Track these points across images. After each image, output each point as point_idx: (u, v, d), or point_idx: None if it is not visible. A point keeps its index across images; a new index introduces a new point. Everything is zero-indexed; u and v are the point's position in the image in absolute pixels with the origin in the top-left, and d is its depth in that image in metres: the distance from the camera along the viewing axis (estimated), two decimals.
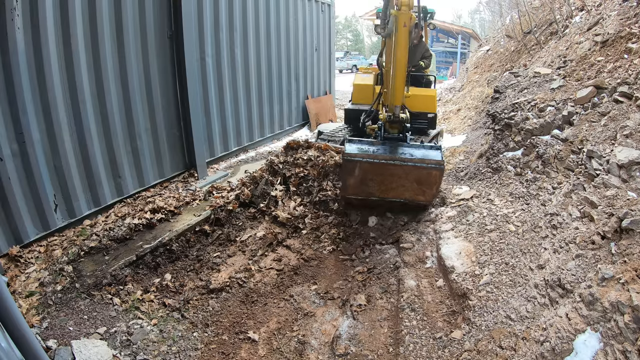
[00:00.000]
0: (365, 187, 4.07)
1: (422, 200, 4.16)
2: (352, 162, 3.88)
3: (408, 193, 4.07)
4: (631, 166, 2.84)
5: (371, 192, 4.11)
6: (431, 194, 4.07)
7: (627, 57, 4.06)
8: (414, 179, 3.92)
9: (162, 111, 5.13)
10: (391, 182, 3.99)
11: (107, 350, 2.76)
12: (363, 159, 3.87)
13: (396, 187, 4.02)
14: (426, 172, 3.86)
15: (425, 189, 4.01)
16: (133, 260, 3.70)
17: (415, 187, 3.99)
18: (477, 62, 13.76)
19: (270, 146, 7.84)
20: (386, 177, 3.97)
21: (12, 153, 3.49)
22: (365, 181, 4.01)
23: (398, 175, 3.92)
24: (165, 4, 5.00)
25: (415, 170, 3.87)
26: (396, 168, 3.88)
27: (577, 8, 7.29)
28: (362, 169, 3.91)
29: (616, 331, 1.98)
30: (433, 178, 3.90)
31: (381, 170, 3.90)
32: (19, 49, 3.43)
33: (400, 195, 4.11)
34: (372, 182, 4.02)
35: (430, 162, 3.82)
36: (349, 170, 3.95)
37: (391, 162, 3.84)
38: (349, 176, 4.00)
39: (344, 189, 4.18)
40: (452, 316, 3.08)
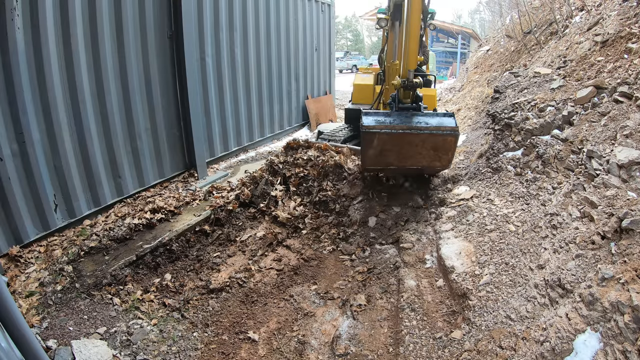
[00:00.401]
0: (384, 157, 4.16)
1: (438, 166, 4.34)
2: (370, 134, 3.93)
3: (425, 160, 4.17)
4: (631, 166, 2.84)
5: (389, 162, 4.23)
6: (447, 159, 4.18)
7: (627, 57, 4.06)
8: (430, 146, 4.01)
9: (162, 111, 5.13)
10: (408, 150, 4.07)
11: (107, 350, 2.76)
12: (381, 130, 3.92)
13: (413, 155, 4.11)
14: (442, 139, 3.93)
15: (442, 155, 4.12)
16: (133, 260, 3.70)
17: (432, 154, 4.09)
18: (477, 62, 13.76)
19: (270, 146, 7.84)
20: (404, 147, 4.04)
21: (12, 153, 3.49)
22: (383, 152, 4.09)
23: (415, 143, 4.00)
24: (165, 4, 5.01)
25: (431, 138, 3.95)
26: (413, 137, 3.95)
27: (577, 8, 7.29)
28: (380, 140, 3.97)
29: (616, 331, 1.98)
30: (448, 144, 4.00)
31: (399, 140, 3.97)
32: (19, 49, 3.44)
33: (417, 163, 4.23)
34: (390, 152, 4.10)
35: (445, 129, 3.90)
36: (368, 143, 4.02)
37: (408, 131, 3.91)
38: (368, 148, 4.08)
39: (364, 162, 4.29)
40: (452, 316, 3.08)
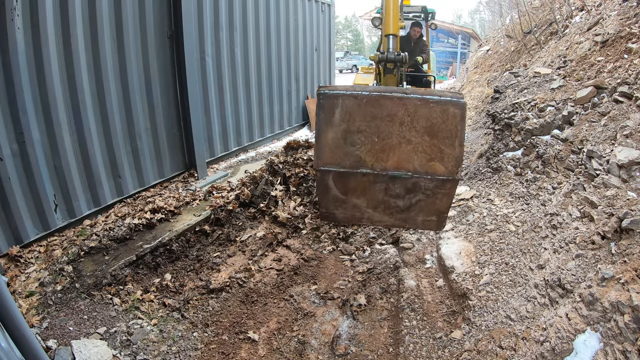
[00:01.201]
0: (350, 147, 2.61)
1: (440, 171, 2.57)
2: (329, 98, 2.55)
3: (417, 157, 2.58)
4: (631, 166, 2.84)
5: (359, 156, 2.62)
6: (453, 155, 2.53)
7: (627, 57, 4.06)
8: (422, 126, 2.51)
9: (162, 111, 5.13)
10: (389, 134, 2.56)
11: (107, 350, 2.76)
12: (346, 91, 2.56)
13: (398, 144, 2.57)
14: (440, 109, 2.47)
15: (443, 147, 2.53)
16: (133, 260, 3.70)
17: (427, 142, 2.54)
18: (477, 62, 13.76)
19: (270, 146, 7.84)
20: (382, 124, 2.55)
21: (12, 153, 3.49)
22: (349, 134, 2.58)
23: (399, 118, 2.53)
24: (165, 4, 5.01)
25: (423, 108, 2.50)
26: (395, 104, 2.51)
27: (577, 8, 7.29)
28: (344, 110, 2.56)
29: (616, 331, 1.98)
30: (451, 121, 2.48)
31: (374, 109, 2.54)
32: (19, 49, 3.43)
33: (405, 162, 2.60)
34: (361, 135, 2.58)
35: (444, 94, 2.53)
36: (326, 115, 2.57)
37: (387, 94, 2.54)
38: (326, 125, 2.58)
39: (318, 152, 2.66)
40: (452, 316, 3.08)
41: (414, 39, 6.76)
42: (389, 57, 3.05)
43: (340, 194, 2.75)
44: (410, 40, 6.80)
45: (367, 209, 2.77)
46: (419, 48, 6.80)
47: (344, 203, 2.78)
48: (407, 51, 6.78)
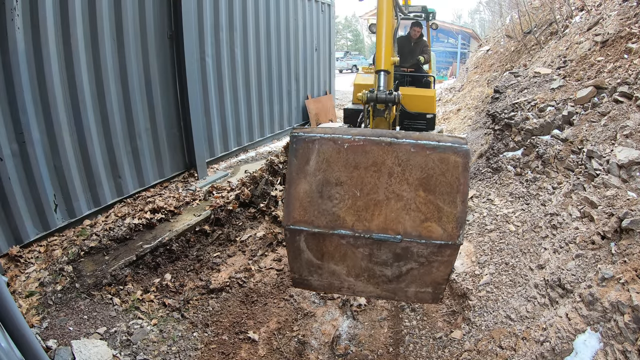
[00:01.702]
0: (327, 202, 2.14)
1: (437, 234, 2.07)
2: (304, 143, 2.15)
3: (409, 217, 2.10)
4: (631, 166, 2.84)
5: (337, 214, 2.15)
6: (453, 215, 2.05)
7: (627, 57, 4.06)
8: (416, 178, 2.06)
9: (162, 111, 5.13)
10: (375, 187, 2.11)
11: (107, 350, 2.76)
12: (324, 134, 2.15)
13: (385, 199, 2.11)
14: (438, 157, 2.04)
15: (442, 203, 2.07)
16: (133, 260, 3.70)
17: (422, 197, 2.08)
18: (477, 62, 13.76)
19: (270, 146, 7.84)
20: (367, 176, 2.11)
21: (12, 153, 3.49)
22: (327, 187, 2.14)
23: (388, 168, 2.09)
24: (165, 4, 5.01)
25: (418, 155, 2.06)
26: (383, 151, 2.08)
27: (577, 8, 7.29)
28: (321, 157, 2.14)
29: (616, 331, 1.98)
30: (452, 172, 2.03)
31: (357, 157, 2.11)
32: (19, 49, 3.43)
33: (393, 223, 2.12)
34: (341, 189, 2.13)
35: (443, 138, 2.10)
36: (300, 162, 2.18)
37: (374, 138, 2.09)
38: (299, 174, 2.17)
39: (288, 208, 2.19)
40: (452, 316, 3.08)
41: (414, 39, 6.76)
42: (379, 96, 2.54)
43: (315, 259, 2.25)
44: (410, 40, 6.80)
45: (347, 278, 2.28)
46: (419, 48, 6.80)
47: (319, 269, 2.29)
48: (407, 51, 6.84)
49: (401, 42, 6.97)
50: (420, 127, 6.71)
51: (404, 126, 6.69)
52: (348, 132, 2.16)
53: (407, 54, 6.82)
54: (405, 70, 6.81)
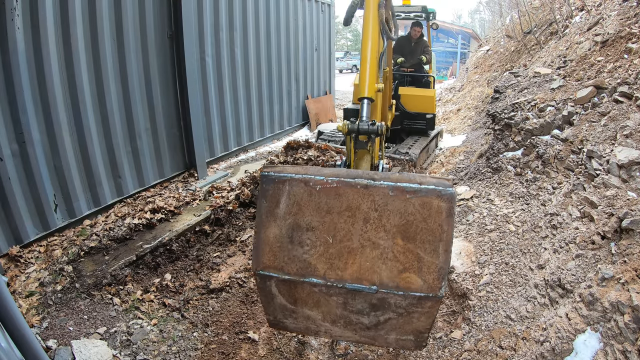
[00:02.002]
0: (298, 248, 1.99)
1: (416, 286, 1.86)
2: (274, 183, 1.99)
3: (386, 268, 1.90)
4: (631, 166, 2.84)
5: (309, 261, 1.98)
6: (435, 267, 1.86)
7: (627, 57, 4.06)
8: (395, 224, 1.88)
9: (162, 111, 5.13)
10: (349, 234, 1.93)
11: (107, 350, 2.76)
12: (295, 174, 1.99)
13: (360, 247, 1.93)
14: (420, 202, 1.87)
15: (422, 252, 1.88)
16: (133, 260, 3.70)
17: (400, 246, 1.89)
18: (477, 62, 13.76)
19: (270, 146, 7.84)
20: (340, 221, 1.94)
21: (12, 153, 3.49)
22: (297, 232, 1.98)
23: (363, 213, 1.91)
24: (165, 4, 5.01)
25: (397, 199, 1.88)
26: (358, 195, 1.91)
27: (577, 8, 7.29)
28: (292, 199, 1.99)
29: (616, 331, 1.98)
30: (435, 218, 1.84)
31: (330, 200, 1.95)
32: (19, 49, 3.43)
33: (368, 272, 1.92)
34: (312, 235, 1.97)
35: (425, 180, 1.91)
36: (270, 204, 2.02)
37: (349, 180, 1.92)
38: (269, 217, 2.02)
39: (257, 252, 2.03)
40: (452, 316, 3.08)
41: (415, 39, 6.77)
42: (361, 127, 2.29)
43: (288, 304, 2.10)
44: (411, 40, 6.81)
45: (323, 322, 2.14)
46: (420, 48, 6.80)
47: (293, 313, 2.14)
48: (408, 51, 6.84)
49: (401, 42, 6.98)
50: (420, 127, 6.72)
51: (403, 126, 6.70)
52: (321, 172, 1.96)
53: (408, 54, 6.82)
54: (406, 70, 6.82)
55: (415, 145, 6.18)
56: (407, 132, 6.83)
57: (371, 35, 2.65)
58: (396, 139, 6.70)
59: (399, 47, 6.82)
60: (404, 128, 6.75)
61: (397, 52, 6.65)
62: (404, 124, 6.70)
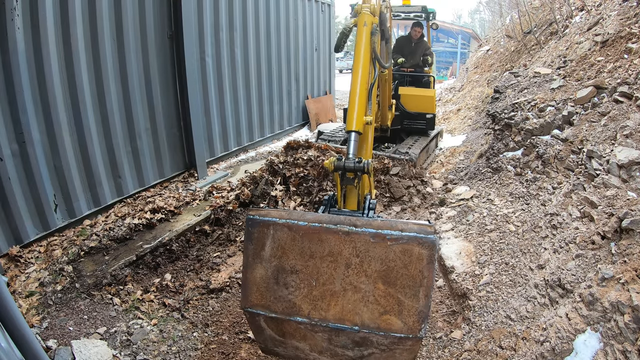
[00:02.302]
0: (283, 289, 2.09)
1: (396, 327, 1.94)
2: (259, 227, 2.10)
3: (367, 310, 1.98)
4: (631, 166, 2.84)
5: (293, 302, 2.09)
6: (415, 310, 1.92)
7: (627, 57, 4.06)
8: (376, 270, 1.95)
9: (162, 111, 5.13)
10: (332, 278, 2.02)
11: (107, 350, 2.76)
12: (279, 219, 2.08)
13: (342, 290, 2.02)
14: (401, 250, 1.92)
15: (402, 297, 1.94)
16: (133, 260, 3.70)
17: (381, 292, 1.96)
18: (477, 62, 13.76)
19: (270, 146, 7.84)
20: (323, 265, 2.03)
21: (12, 153, 3.49)
22: (282, 274, 2.08)
23: (345, 259, 1.99)
24: (165, 4, 5.01)
25: (378, 246, 1.94)
26: (340, 241, 1.99)
27: (577, 8, 7.29)
28: (277, 243, 2.09)
29: (616, 331, 1.98)
30: (416, 264, 1.90)
31: (313, 245, 2.03)
32: (19, 49, 3.43)
33: (350, 314, 2.01)
34: (297, 277, 2.09)
35: (407, 227, 1.93)
36: (256, 246, 2.13)
37: (330, 226, 2.00)
38: (255, 259, 2.14)
39: (244, 292, 2.17)
40: (452, 316, 3.08)
41: (415, 39, 6.76)
42: (347, 165, 2.24)
43: (277, 336, 2.23)
44: (411, 40, 6.80)
45: (311, 352, 2.25)
46: (420, 49, 6.80)
47: (283, 344, 2.26)
48: (408, 52, 6.84)
49: (402, 42, 6.98)
50: (420, 127, 6.72)
51: (403, 126, 6.70)
52: (304, 217, 2.05)
53: (408, 54, 6.82)
54: (405, 71, 6.81)
55: (415, 145, 6.18)
56: (407, 132, 6.83)
57: (362, 66, 2.60)
58: (396, 138, 6.69)
59: (399, 48, 6.82)
60: (404, 128, 6.75)
61: (397, 52, 6.64)
62: (404, 124, 6.70)
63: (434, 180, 5.34)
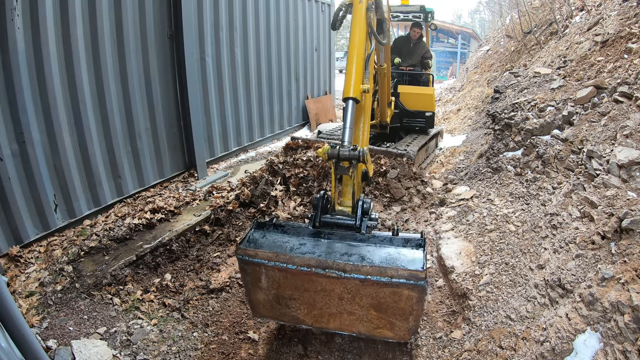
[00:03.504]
0: (285, 308, 2.37)
1: (390, 337, 2.34)
2: (252, 265, 2.27)
3: (363, 325, 2.30)
4: (631, 166, 2.84)
5: (297, 316, 2.41)
6: (405, 328, 2.21)
7: (627, 57, 4.06)
8: (368, 303, 2.18)
9: (162, 111, 5.13)
10: (328, 305, 2.26)
11: (107, 350, 2.76)
12: (269, 261, 2.20)
13: (338, 313, 2.28)
14: (390, 291, 2.08)
15: (394, 320, 2.19)
16: (133, 260, 3.70)
17: (374, 316, 2.22)
18: (477, 62, 13.76)
19: (270, 146, 7.84)
20: (318, 297, 2.25)
21: (12, 153, 3.49)
22: (282, 300, 2.34)
23: (338, 294, 2.19)
24: (165, 4, 5.01)
25: (366, 288, 2.11)
26: (332, 283, 2.15)
27: (577, 8, 7.29)
28: (271, 279, 2.28)
29: (616, 331, 1.98)
30: (405, 303, 2.09)
31: (305, 284, 2.21)
32: (19, 48, 3.43)
33: (348, 327, 2.36)
34: (295, 302, 2.32)
35: (396, 273, 2.05)
36: (252, 279, 2.36)
37: (320, 270, 2.12)
38: (255, 288, 2.38)
39: (251, 307, 2.55)
40: (452, 316, 3.08)
41: (414, 39, 6.76)
42: (341, 153, 2.20)
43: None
44: (410, 40, 6.80)
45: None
46: (418, 50, 6.79)
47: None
48: (406, 52, 6.83)
49: (401, 42, 6.98)
50: (419, 125, 6.71)
51: (403, 124, 6.70)
52: (292, 260, 2.16)
53: (406, 55, 6.82)
54: (405, 69, 6.81)
55: (413, 143, 6.15)
56: (406, 130, 6.82)
57: (358, 37, 2.66)
58: (395, 137, 6.69)
59: (397, 47, 6.81)
60: (403, 126, 6.74)
61: (395, 52, 6.64)
62: (403, 122, 6.69)
63: (434, 180, 5.33)
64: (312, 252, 2.22)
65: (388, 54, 4.83)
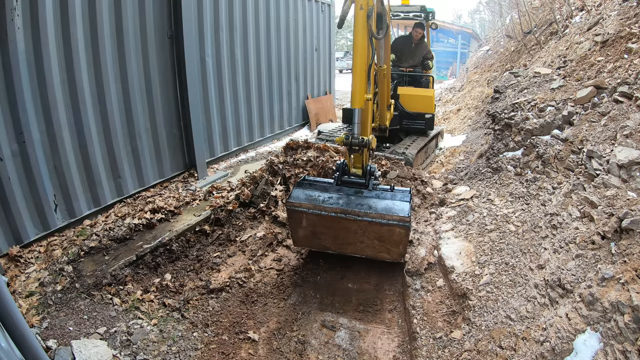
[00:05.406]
0: (318, 240, 3.53)
1: (387, 258, 3.51)
2: (297, 212, 3.36)
3: (369, 250, 3.45)
4: (631, 166, 2.83)
5: (325, 245, 3.57)
6: (397, 252, 3.39)
7: (627, 57, 4.06)
8: (373, 236, 3.30)
9: (162, 111, 5.13)
10: (347, 237, 3.41)
11: (107, 350, 2.76)
12: (309, 209, 3.30)
13: (354, 242, 3.43)
14: (387, 229, 3.21)
15: (390, 247, 3.35)
16: (133, 260, 3.70)
17: (377, 244, 3.36)
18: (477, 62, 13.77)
19: (270, 146, 7.84)
20: (340, 232, 3.38)
21: (12, 153, 3.49)
22: (316, 234, 3.47)
23: (354, 230, 3.31)
24: (165, 4, 5.01)
25: (372, 226, 3.23)
26: (350, 223, 3.26)
27: (577, 8, 7.29)
28: (309, 221, 3.38)
29: (616, 331, 1.98)
30: (397, 236, 3.24)
31: (332, 224, 3.31)
32: (19, 49, 3.44)
33: (360, 251, 3.52)
34: (325, 235, 3.46)
35: (391, 217, 3.15)
36: (296, 221, 3.45)
37: (342, 215, 3.23)
38: (297, 227, 3.50)
39: (294, 240, 3.70)
40: (452, 316, 3.08)
41: (416, 40, 6.75)
42: (353, 142, 3.16)
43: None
44: (412, 41, 6.79)
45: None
46: (420, 51, 6.79)
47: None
48: (407, 52, 6.83)
49: (402, 42, 6.97)
50: (419, 127, 6.71)
51: (402, 126, 6.69)
52: (324, 208, 3.28)
53: (407, 55, 6.82)
54: (405, 70, 6.81)
55: (412, 145, 6.14)
56: (406, 132, 6.81)
57: (360, 47, 3.13)
58: (395, 138, 6.68)
59: (398, 47, 6.81)
60: (403, 128, 6.73)
61: (396, 52, 6.63)
62: (403, 124, 6.68)
63: (434, 180, 5.33)
64: (337, 203, 3.28)
65: (388, 54, 4.82)
